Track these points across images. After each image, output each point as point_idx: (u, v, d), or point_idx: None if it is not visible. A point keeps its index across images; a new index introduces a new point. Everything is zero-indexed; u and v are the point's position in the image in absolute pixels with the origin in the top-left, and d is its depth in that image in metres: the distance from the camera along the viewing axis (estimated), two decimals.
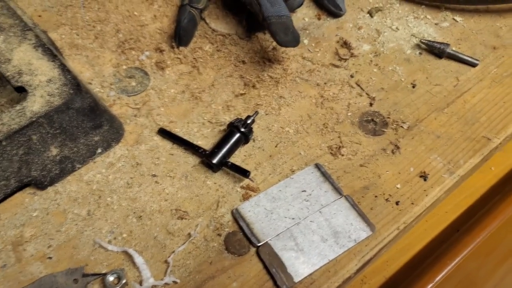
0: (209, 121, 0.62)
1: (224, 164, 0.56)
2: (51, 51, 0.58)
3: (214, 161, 0.56)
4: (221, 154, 0.56)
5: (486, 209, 0.65)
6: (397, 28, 0.72)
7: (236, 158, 0.59)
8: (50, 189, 0.55)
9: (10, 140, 0.51)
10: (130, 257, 0.51)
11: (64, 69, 0.56)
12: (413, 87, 0.66)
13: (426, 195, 0.57)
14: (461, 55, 0.68)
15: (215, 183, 0.57)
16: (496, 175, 0.71)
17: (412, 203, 0.56)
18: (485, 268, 0.63)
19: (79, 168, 0.57)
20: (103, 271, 0.50)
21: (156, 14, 0.71)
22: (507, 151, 0.72)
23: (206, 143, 0.60)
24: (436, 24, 0.73)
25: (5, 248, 0.51)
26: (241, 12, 0.71)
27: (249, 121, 0.59)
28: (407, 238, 0.65)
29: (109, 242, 0.52)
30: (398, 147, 0.60)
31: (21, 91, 0.55)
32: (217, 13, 0.71)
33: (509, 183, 0.70)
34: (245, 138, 0.59)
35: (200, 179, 0.57)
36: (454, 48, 0.69)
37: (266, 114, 0.63)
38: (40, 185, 0.55)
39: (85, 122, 0.56)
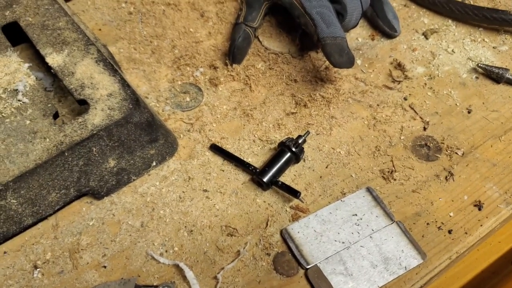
0: (259, 139, 0.62)
1: (275, 183, 0.57)
2: (112, 66, 0.60)
3: (265, 179, 0.56)
4: (272, 172, 0.57)
5: None
6: (453, 51, 0.71)
7: (286, 177, 0.59)
8: (106, 199, 0.57)
9: (72, 151, 0.53)
10: (181, 270, 0.52)
11: (124, 84, 0.58)
12: (469, 112, 0.64)
13: (481, 225, 0.55)
14: None
15: (264, 202, 0.57)
16: None
17: (466, 233, 0.55)
18: None
19: (134, 180, 0.59)
20: (155, 283, 0.51)
21: (211, 31, 0.73)
22: None
23: (256, 161, 0.60)
24: (494, 47, 0.71)
25: (63, 254, 0.53)
26: (294, 31, 0.71)
27: (300, 141, 0.59)
28: (457, 266, 0.63)
29: (161, 254, 0.53)
30: (452, 174, 0.58)
31: (83, 104, 0.57)
32: (270, 32, 0.72)
33: None
34: (296, 158, 0.59)
35: (250, 196, 0.57)
36: None
37: (317, 134, 0.63)
38: (97, 195, 0.57)
39: (142, 136, 0.57)
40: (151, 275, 0.52)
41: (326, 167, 0.60)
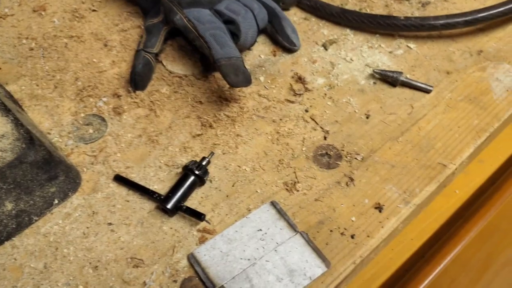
0: (165, 164, 0.62)
1: (179, 208, 0.57)
2: (5, 106, 0.59)
3: (169, 206, 0.56)
4: (176, 198, 0.57)
5: (449, 235, 0.65)
6: (351, 59, 0.73)
7: (193, 201, 0.59)
8: (7, 244, 0.56)
9: None
10: None
11: (17, 123, 0.57)
12: (367, 117, 0.67)
13: (382, 227, 0.57)
14: (414, 82, 0.70)
15: (171, 228, 0.57)
16: (461, 198, 0.71)
17: (368, 236, 0.57)
18: None
19: (36, 220, 0.57)
20: None
21: (115, 59, 0.73)
22: (471, 173, 0.72)
23: (163, 187, 0.60)
24: (390, 52, 0.75)
25: None
26: (196, 53, 0.72)
27: (203, 163, 0.60)
28: (372, 267, 0.65)
29: None
30: (352, 179, 0.60)
31: None
32: (173, 55, 0.72)
33: (472, 205, 0.70)
34: (200, 180, 0.59)
35: (156, 224, 0.57)
36: (408, 76, 0.71)
37: (224, 154, 0.63)
38: None
39: (39, 174, 0.56)
40: None
41: (233, 186, 0.61)
